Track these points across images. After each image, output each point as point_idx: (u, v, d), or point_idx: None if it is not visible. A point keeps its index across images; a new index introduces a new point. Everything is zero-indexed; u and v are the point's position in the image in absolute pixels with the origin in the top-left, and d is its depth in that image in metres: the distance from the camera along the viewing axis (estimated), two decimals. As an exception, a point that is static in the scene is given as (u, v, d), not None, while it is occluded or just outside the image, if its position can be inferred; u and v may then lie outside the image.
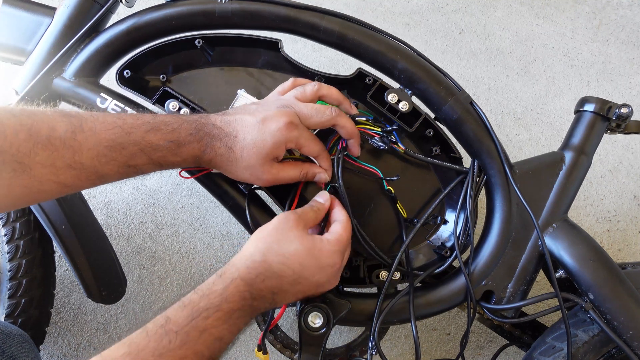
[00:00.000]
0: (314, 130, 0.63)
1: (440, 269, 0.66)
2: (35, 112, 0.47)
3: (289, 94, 0.61)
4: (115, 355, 0.40)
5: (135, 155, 0.50)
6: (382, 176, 0.66)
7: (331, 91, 0.61)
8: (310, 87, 0.60)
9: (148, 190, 1.09)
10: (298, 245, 0.52)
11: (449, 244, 0.67)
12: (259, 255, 0.51)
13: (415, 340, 0.61)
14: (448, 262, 0.65)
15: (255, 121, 0.54)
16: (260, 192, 0.68)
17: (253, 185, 0.65)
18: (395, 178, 0.66)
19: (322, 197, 0.61)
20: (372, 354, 0.62)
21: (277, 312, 0.62)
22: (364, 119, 0.64)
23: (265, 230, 0.54)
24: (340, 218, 0.59)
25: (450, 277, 0.66)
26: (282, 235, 0.53)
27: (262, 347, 0.63)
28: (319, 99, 0.61)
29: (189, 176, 0.62)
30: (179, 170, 0.62)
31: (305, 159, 0.62)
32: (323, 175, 0.61)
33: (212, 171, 0.63)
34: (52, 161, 0.46)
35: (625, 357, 0.61)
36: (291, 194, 0.65)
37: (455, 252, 0.64)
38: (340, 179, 0.61)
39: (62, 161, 0.46)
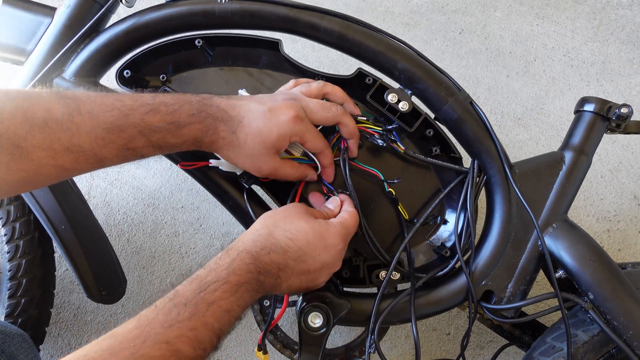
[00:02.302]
0: (317, 127, 0.63)
1: (444, 271, 0.65)
2: (31, 93, 0.46)
3: (295, 89, 0.61)
4: (124, 329, 0.40)
5: (135, 138, 0.49)
6: (382, 178, 0.66)
7: (335, 90, 0.62)
8: (316, 84, 0.61)
9: (148, 190, 1.09)
10: (304, 224, 0.53)
11: (449, 244, 0.67)
12: (265, 230, 0.52)
13: (415, 341, 0.61)
14: (451, 264, 0.65)
15: (262, 109, 0.54)
16: (260, 193, 0.68)
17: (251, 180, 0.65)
18: (396, 181, 0.66)
19: (332, 204, 0.62)
20: (369, 352, 0.62)
21: (277, 312, 0.62)
22: (364, 118, 0.65)
23: (274, 211, 0.56)
24: (347, 209, 0.60)
25: (450, 277, 0.66)
26: (289, 215, 0.54)
27: (262, 347, 0.63)
28: (323, 96, 0.62)
29: (187, 167, 0.63)
30: (179, 169, 0.62)
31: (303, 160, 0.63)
32: (315, 177, 0.63)
33: (210, 164, 0.62)
34: (50, 144, 0.45)
35: (625, 357, 0.61)
36: (291, 194, 0.65)
37: (457, 254, 0.64)
38: (348, 178, 0.61)
39: (60, 144, 0.46)
